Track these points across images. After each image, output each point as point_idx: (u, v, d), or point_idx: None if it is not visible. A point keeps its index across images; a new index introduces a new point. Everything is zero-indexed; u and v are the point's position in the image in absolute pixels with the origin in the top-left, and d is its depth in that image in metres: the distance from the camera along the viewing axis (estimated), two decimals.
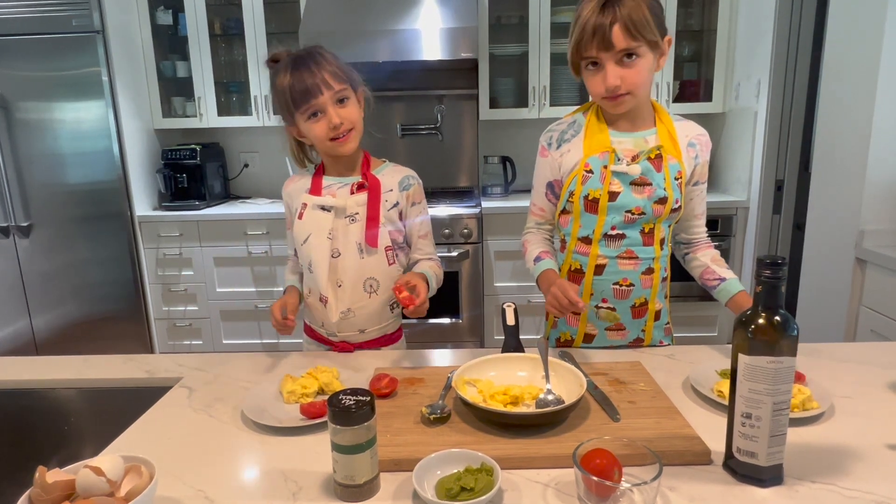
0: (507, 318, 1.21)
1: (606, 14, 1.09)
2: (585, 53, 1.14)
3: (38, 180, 2.97)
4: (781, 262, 0.74)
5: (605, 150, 1.21)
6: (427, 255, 1.38)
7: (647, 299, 1.28)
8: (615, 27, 1.09)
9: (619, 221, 1.22)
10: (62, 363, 1.27)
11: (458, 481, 0.75)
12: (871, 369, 1.13)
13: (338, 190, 1.30)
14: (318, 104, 1.20)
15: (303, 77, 1.19)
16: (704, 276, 1.31)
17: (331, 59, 1.23)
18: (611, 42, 1.10)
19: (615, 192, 1.21)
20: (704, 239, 1.35)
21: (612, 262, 1.25)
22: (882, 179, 2.13)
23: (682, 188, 1.23)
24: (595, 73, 1.16)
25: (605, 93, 1.15)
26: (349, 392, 0.78)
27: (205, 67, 3.19)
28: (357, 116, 1.25)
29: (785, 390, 0.75)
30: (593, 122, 1.25)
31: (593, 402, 0.99)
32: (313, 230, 1.27)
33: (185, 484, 0.82)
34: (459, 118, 3.46)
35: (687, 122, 1.29)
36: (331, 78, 1.20)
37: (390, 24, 2.88)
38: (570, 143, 1.26)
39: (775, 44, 2.74)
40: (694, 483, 0.79)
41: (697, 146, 1.26)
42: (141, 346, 3.18)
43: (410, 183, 1.34)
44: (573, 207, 1.25)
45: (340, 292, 1.29)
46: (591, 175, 1.21)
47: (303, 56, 1.22)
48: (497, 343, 3.12)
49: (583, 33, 1.11)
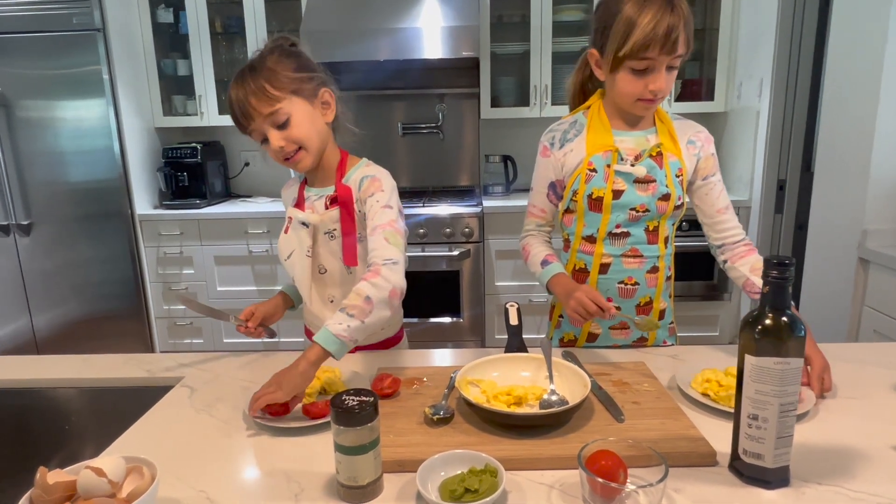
0: (511, 317, 1.21)
1: (676, 16, 1.07)
2: (646, 54, 1.09)
3: (39, 179, 2.96)
4: (789, 262, 0.73)
5: (609, 149, 1.21)
6: (370, 256, 1.11)
7: (651, 298, 1.28)
8: (682, 33, 1.08)
9: (624, 219, 1.22)
10: (63, 362, 1.27)
11: (462, 482, 0.75)
12: (875, 370, 1.13)
13: (315, 202, 1.23)
14: (254, 129, 1.12)
15: (234, 97, 1.10)
16: (746, 289, 1.23)
17: (269, 67, 1.10)
18: (675, 46, 1.09)
19: (619, 189, 1.20)
20: (739, 238, 1.27)
21: (616, 260, 1.25)
22: (885, 179, 2.13)
23: (684, 185, 1.24)
24: (641, 75, 1.13)
25: (648, 95, 1.14)
26: (352, 392, 0.78)
27: (206, 66, 3.19)
28: (305, 132, 1.13)
29: (792, 392, 0.74)
30: (595, 121, 1.24)
31: (597, 403, 0.99)
32: (295, 247, 1.23)
33: (186, 485, 0.82)
34: (461, 117, 3.45)
35: (685, 120, 1.29)
36: (258, 101, 1.08)
37: (391, 22, 2.87)
38: (572, 142, 1.25)
39: (778, 43, 2.73)
40: (699, 485, 0.79)
41: (697, 143, 1.26)
42: (141, 345, 3.18)
43: (365, 178, 1.19)
44: (577, 206, 1.24)
45: (333, 307, 1.25)
46: (594, 174, 1.21)
47: (241, 70, 1.11)
48: (498, 342, 3.12)
49: (652, 34, 1.07)
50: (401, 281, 1.08)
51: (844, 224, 2.24)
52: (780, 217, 2.94)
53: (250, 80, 1.09)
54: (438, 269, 2.98)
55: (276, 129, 1.11)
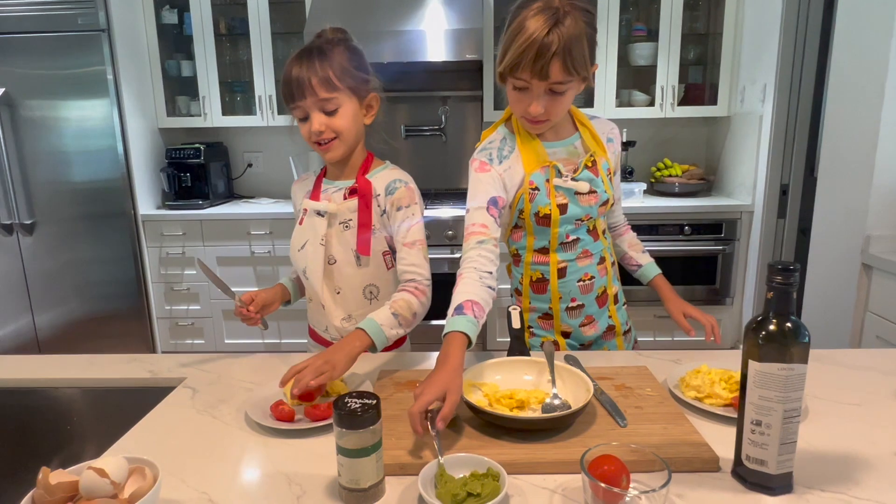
0: (513, 321, 1.21)
1: (553, 39, 1.02)
2: (518, 75, 1.08)
3: (43, 178, 2.97)
4: (793, 267, 0.73)
5: (545, 164, 1.21)
6: (409, 269, 1.22)
7: (605, 287, 1.32)
8: (555, 60, 1.04)
9: (571, 229, 1.25)
10: (65, 362, 1.27)
11: (465, 486, 0.75)
12: (878, 376, 1.12)
13: (333, 194, 1.28)
14: (302, 106, 1.17)
15: (296, 73, 1.15)
16: (624, 262, 1.45)
17: (338, 59, 1.17)
18: (547, 73, 1.06)
19: (563, 203, 1.22)
20: (623, 223, 1.46)
21: (571, 263, 1.27)
22: (889, 184, 2.12)
23: (614, 182, 1.30)
24: (522, 95, 1.12)
25: (529, 116, 1.14)
26: (355, 395, 0.78)
27: (209, 67, 3.20)
28: (347, 125, 1.19)
29: (796, 398, 0.74)
30: (524, 135, 1.23)
31: (600, 408, 0.98)
32: (310, 237, 1.26)
33: (188, 486, 0.82)
34: (463, 119, 3.46)
35: (600, 118, 1.32)
36: (320, 85, 1.14)
37: (395, 24, 2.88)
38: (508, 159, 1.23)
39: (781, 47, 2.73)
40: (702, 490, 0.79)
41: (614, 140, 1.32)
42: (143, 345, 3.18)
43: (396, 186, 1.24)
44: (525, 223, 1.25)
45: (339, 299, 1.29)
46: (537, 192, 1.21)
47: (309, 49, 1.17)
48: (499, 345, 3.11)
49: (523, 56, 1.04)
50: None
51: (848, 229, 2.23)
52: (782, 222, 2.94)
53: (318, 64, 1.15)
54: (440, 271, 2.98)
55: (322, 114, 1.17)
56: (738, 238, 3.03)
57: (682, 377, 1.07)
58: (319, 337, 1.38)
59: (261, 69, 3.18)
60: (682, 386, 1.05)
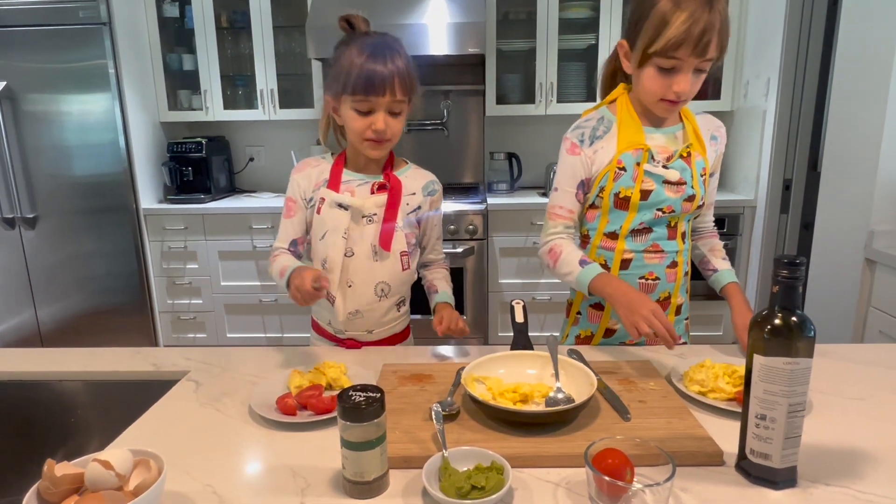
0: (516, 315, 1.20)
1: (713, 17, 1.04)
2: (675, 54, 1.06)
3: (44, 172, 2.97)
4: (799, 262, 0.73)
5: (640, 147, 1.20)
6: (438, 258, 1.45)
7: (670, 293, 1.28)
8: (715, 38, 1.05)
9: (649, 218, 1.22)
10: (68, 355, 1.27)
11: (469, 479, 0.75)
12: (882, 371, 1.12)
13: (357, 187, 1.27)
14: (373, 102, 1.16)
15: (376, 69, 1.14)
16: (701, 266, 1.37)
17: (405, 62, 1.18)
18: (706, 49, 1.06)
19: (648, 189, 1.20)
20: (710, 228, 1.38)
21: (638, 256, 1.24)
22: (893, 179, 2.11)
23: (706, 184, 1.24)
24: (667, 74, 1.11)
25: (671, 96, 1.12)
26: (359, 388, 0.78)
27: (211, 61, 3.19)
28: (400, 129, 1.22)
29: (801, 392, 0.74)
30: (626, 117, 1.22)
31: (603, 402, 0.98)
32: (330, 228, 1.25)
33: (192, 479, 0.82)
34: (466, 114, 3.45)
35: (705, 115, 1.29)
36: (400, 85, 1.16)
37: (397, 18, 2.87)
38: (602, 139, 1.22)
39: (785, 42, 2.72)
40: (706, 484, 0.79)
41: (718, 139, 1.28)
42: (145, 339, 3.19)
43: (435, 189, 1.35)
44: (602, 203, 1.23)
45: (350, 293, 1.28)
46: (623, 172, 1.20)
47: (382, 46, 1.17)
48: (501, 339, 3.12)
49: (685, 34, 1.04)
50: None
51: (851, 224, 2.23)
52: (785, 217, 2.94)
53: (402, 65, 1.17)
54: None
55: (389, 115, 1.19)
56: (740, 233, 3.03)
57: (685, 371, 1.07)
58: (323, 330, 1.38)
59: (262, 63, 3.17)
60: (686, 380, 1.05)
